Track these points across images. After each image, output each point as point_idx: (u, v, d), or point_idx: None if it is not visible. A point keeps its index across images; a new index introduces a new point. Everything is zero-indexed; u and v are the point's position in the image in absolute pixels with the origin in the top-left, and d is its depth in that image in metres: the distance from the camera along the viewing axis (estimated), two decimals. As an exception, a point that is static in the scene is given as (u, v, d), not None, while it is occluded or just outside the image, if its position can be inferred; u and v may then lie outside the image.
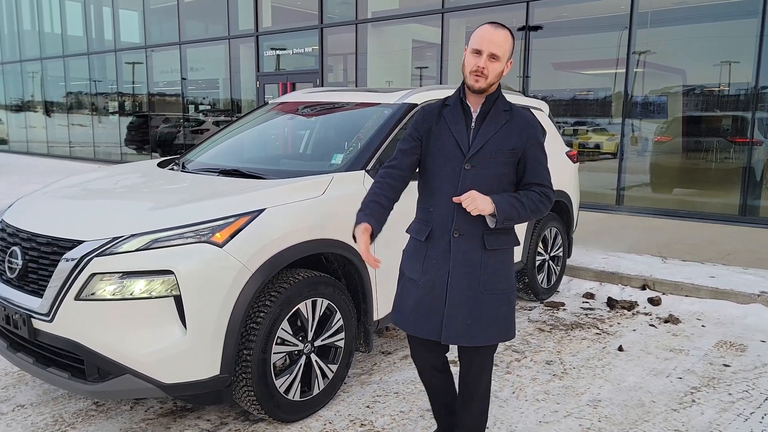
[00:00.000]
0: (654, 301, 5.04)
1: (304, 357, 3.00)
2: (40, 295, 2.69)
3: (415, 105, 3.73)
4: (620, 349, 4.05)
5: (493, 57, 2.19)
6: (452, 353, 2.65)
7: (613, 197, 8.62)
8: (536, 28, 9.07)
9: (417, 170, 2.39)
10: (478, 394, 2.48)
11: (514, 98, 4.93)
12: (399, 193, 2.36)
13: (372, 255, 2.18)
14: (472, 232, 2.25)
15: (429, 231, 2.31)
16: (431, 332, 2.32)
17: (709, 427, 3.04)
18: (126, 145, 16.30)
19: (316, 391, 3.07)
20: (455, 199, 2.20)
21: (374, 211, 2.25)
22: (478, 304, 2.27)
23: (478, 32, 2.22)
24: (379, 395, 3.31)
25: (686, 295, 5.17)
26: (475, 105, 2.30)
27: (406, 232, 2.44)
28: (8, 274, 2.88)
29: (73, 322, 2.59)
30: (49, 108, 19.19)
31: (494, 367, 3.72)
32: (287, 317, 2.87)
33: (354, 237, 2.25)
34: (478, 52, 2.20)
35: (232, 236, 2.68)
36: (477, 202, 2.15)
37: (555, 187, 4.85)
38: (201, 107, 14.81)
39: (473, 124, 2.28)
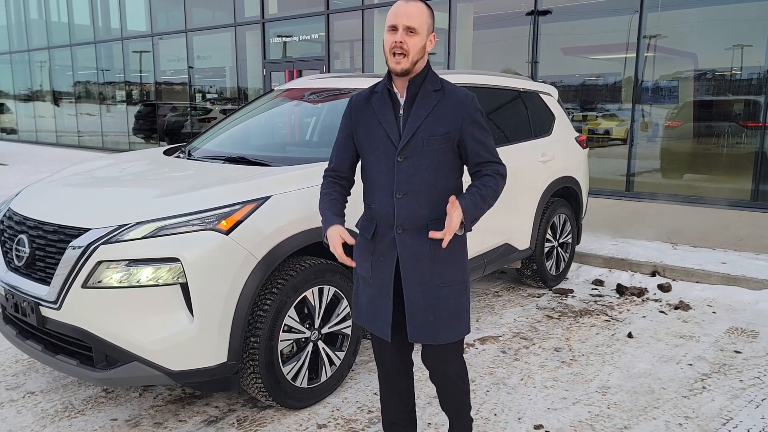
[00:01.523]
0: (664, 288, 5.00)
1: (311, 344, 2.99)
2: (48, 283, 2.69)
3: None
4: (630, 335, 4.02)
5: (410, 30, 2.03)
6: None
7: (622, 183, 8.54)
8: (545, 12, 8.96)
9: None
10: (461, 408, 2.38)
11: (522, 83, 4.88)
12: (347, 196, 2.33)
13: (348, 257, 2.16)
14: (415, 226, 2.12)
15: (374, 228, 2.19)
16: (382, 330, 2.21)
17: (720, 414, 3.02)
18: (134, 134, 16.33)
19: (323, 378, 3.07)
20: (432, 235, 2.03)
21: (337, 211, 2.24)
22: (437, 298, 2.15)
23: (391, 9, 2.07)
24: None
25: (697, 282, 5.12)
26: (402, 90, 2.13)
27: (355, 226, 2.33)
28: (16, 262, 2.89)
29: (80, 310, 2.59)
30: (57, 97, 19.23)
31: (502, 354, 3.71)
32: (294, 304, 2.87)
33: (325, 243, 2.20)
34: (394, 28, 2.04)
35: (238, 224, 2.67)
36: (456, 222, 1.98)
37: (564, 173, 4.95)
38: (208, 95, 14.79)
39: (401, 112, 2.12)
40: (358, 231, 2.31)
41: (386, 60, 2.09)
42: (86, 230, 2.64)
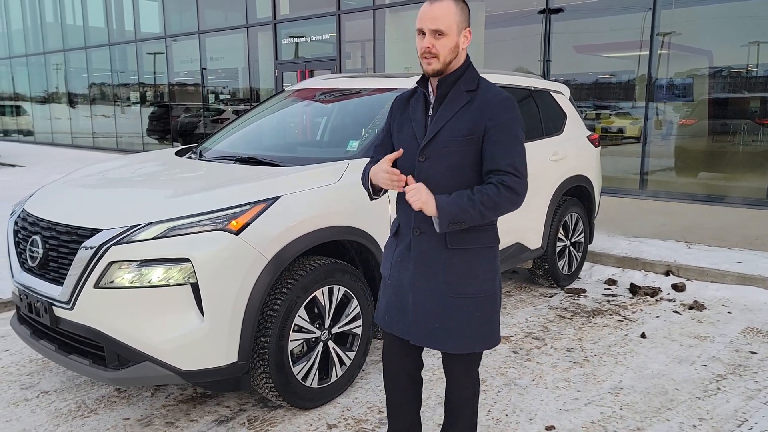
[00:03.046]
0: (678, 287, 4.94)
1: (321, 344, 2.99)
2: (61, 283, 2.72)
3: (432, 90, 3.68)
4: (643, 336, 3.98)
5: (437, 33, 1.96)
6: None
7: (636, 182, 8.46)
8: (557, 10, 8.90)
9: None
10: (463, 416, 2.25)
11: (534, 82, 4.85)
12: None
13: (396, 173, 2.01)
14: (432, 230, 2.03)
15: (397, 227, 2.17)
16: (403, 331, 2.15)
17: (735, 415, 2.98)
18: (148, 135, 16.46)
19: (333, 378, 3.07)
20: (403, 190, 2.00)
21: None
22: (444, 308, 2.06)
23: (419, 12, 2.01)
24: (398, 382, 3.30)
25: (711, 281, 5.06)
26: (434, 89, 2.08)
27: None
28: (30, 262, 2.92)
29: (92, 310, 2.61)
30: (72, 99, 19.44)
31: (514, 355, 3.69)
32: (304, 304, 2.87)
33: (370, 186, 2.13)
34: (422, 33, 1.99)
35: (248, 224, 2.67)
36: (421, 194, 1.93)
37: (576, 172, 4.92)
38: (221, 96, 14.87)
39: (431, 111, 2.07)
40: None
41: (420, 62, 2.05)
42: (98, 231, 2.66)
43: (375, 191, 2.18)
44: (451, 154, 2.00)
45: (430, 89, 2.10)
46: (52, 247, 2.82)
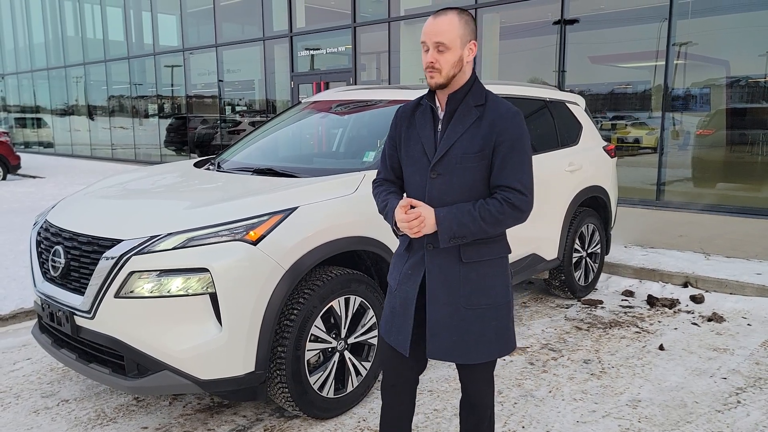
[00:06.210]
0: (696, 299, 4.89)
1: (337, 354, 3.01)
2: (82, 293, 2.77)
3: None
4: (661, 348, 3.94)
5: (440, 47, 1.95)
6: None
7: (653, 192, 8.39)
8: (572, 21, 8.90)
9: None
10: (485, 425, 2.24)
11: (549, 93, 4.85)
12: (402, 192, 2.21)
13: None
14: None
15: (409, 240, 2.13)
16: (400, 345, 2.12)
17: (756, 429, 2.94)
18: (165, 146, 16.66)
19: (350, 389, 3.08)
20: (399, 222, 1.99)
21: (396, 195, 2.15)
22: (463, 320, 2.05)
23: (423, 26, 1.99)
24: (413, 393, 3.30)
25: (731, 293, 5.00)
26: (442, 104, 2.06)
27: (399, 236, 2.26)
28: (52, 272, 2.97)
29: (113, 319, 2.65)
30: (92, 111, 19.76)
31: (530, 366, 3.68)
32: (320, 314, 2.89)
33: (396, 227, 2.09)
34: (426, 47, 1.98)
35: (266, 234, 2.70)
36: (416, 226, 1.93)
37: (592, 183, 4.90)
38: (237, 108, 15.03)
39: (440, 127, 2.04)
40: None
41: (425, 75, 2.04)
42: (119, 241, 2.71)
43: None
44: (464, 170, 1.99)
45: (437, 103, 2.08)
46: (74, 257, 2.87)
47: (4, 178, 13.46)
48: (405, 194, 2.18)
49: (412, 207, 1.99)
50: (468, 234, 1.95)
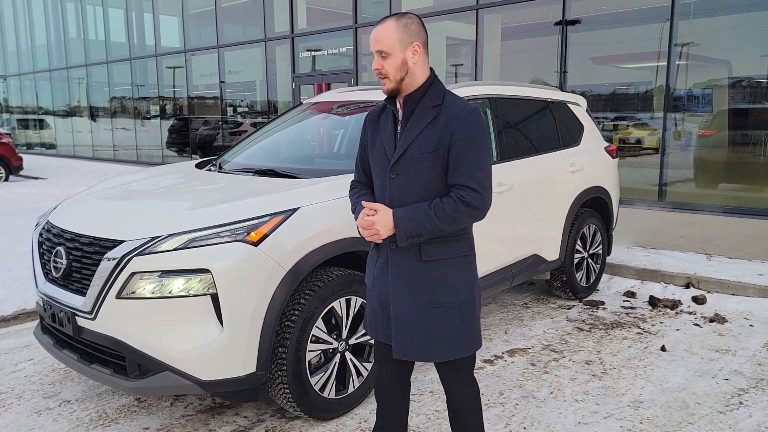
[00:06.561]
0: (698, 300, 4.88)
1: (338, 355, 3.01)
2: (84, 294, 2.77)
3: (449, 102, 3.72)
4: (663, 349, 3.94)
5: (382, 54, 2.02)
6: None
7: (654, 193, 8.38)
8: (573, 22, 8.89)
9: None
10: (471, 426, 2.25)
11: (550, 93, 4.85)
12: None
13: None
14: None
15: None
16: (389, 339, 2.18)
17: (758, 430, 2.93)
18: (167, 147, 16.67)
19: (351, 389, 3.08)
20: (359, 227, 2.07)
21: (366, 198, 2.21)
22: (427, 319, 2.08)
23: None
24: (414, 394, 3.30)
25: (733, 294, 5.00)
26: (402, 106, 2.10)
27: None
28: (54, 273, 2.98)
29: (114, 320, 2.66)
30: (94, 113, 19.78)
31: (532, 367, 3.67)
32: (322, 315, 2.89)
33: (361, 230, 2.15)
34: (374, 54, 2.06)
35: (267, 235, 2.71)
36: (373, 229, 2.01)
37: (593, 184, 4.90)
38: (239, 109, 15.04)
39: (399, 128, 2.10)
40: None
41: None
42: (120, 242, 2.71)
43: None
44: (420, 170, 2.03)
45: (398, 106, 2.12)
46: (76, 258, 2.88)
47: (6, 179, 13.49)
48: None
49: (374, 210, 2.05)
50: (425, 232, 1.99)
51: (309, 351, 2.86)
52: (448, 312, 2.09)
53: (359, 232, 2.13)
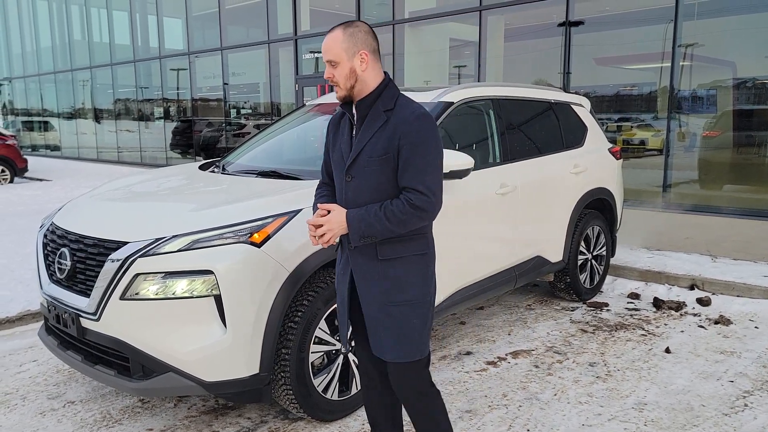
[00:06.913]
0: (703, 302, 4.87)
1: (341, 356, 3.01)
2: (88, 295, 2.78)
3: (452, 103, 3.71)
4: (667, 350, 3.92)
5: (331, 63, 2.08)
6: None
7: (659, 194, 8.36)
8: (577, 23, 8.89)
9: None
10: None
11: (554, 94, 4.85)
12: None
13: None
14: (363, 245, 2.11)
15: (339, 241, 2.24)
16: (342, 340, 2.28)
17: (763, 433, 2.92)
18: (171, 149, 16.71)
19: (354, 391, 3.07)
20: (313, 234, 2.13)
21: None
22: (388, 316, 2.13)
23: None
24: (418, 395, 3.29)
25: (738, 295, 4.98)
26: (356, 111, 2.16)
27: None
28: (58, 274, 2.99)
29: (118, 321, 2.66)
30: (98, 115, 19.85)
31: (535, 369, 3.66)
32: (324, 317, 2.89)
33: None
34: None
35: (270, 236, 2.71)
36: (331, 226, 2.07)
37: (597, 185, 4.89)
38: (242, 111, 15.07)
39: (354, 132, 2.15)
40: None
41: None
42: (124, 243, 2.72)
43: None
44: (372, 173, 2.07)
45: (354, 111, 2.16)
46: (80, 260, 2.88)
47: (11, 181, 13.54)
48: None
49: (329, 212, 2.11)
50: (376, 233, 2.04)
51: (312, 352, 2.86)
52: (405, 310, 2.13)
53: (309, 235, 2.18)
